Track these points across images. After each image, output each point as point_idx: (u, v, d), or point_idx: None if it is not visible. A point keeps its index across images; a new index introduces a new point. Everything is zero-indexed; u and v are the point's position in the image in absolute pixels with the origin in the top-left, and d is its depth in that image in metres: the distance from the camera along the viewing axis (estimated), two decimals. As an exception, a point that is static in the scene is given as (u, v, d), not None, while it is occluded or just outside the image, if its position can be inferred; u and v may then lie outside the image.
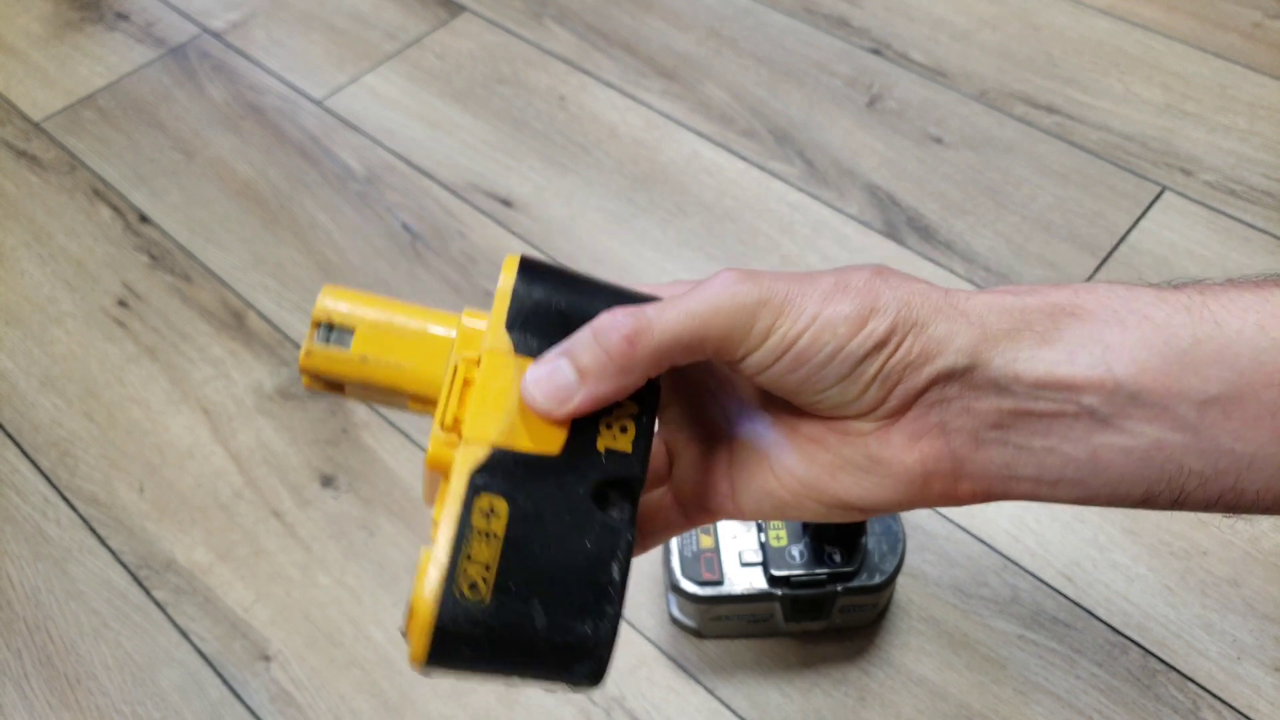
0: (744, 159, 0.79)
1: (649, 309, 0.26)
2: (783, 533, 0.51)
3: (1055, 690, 0.53)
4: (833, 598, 0.51)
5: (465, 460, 0.25)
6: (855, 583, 0.50)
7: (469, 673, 0.24)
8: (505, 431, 0.25)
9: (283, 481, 0.63)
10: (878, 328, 0.25)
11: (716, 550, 0.51)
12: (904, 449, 0.27)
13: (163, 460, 0.64)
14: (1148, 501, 0.26)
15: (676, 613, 0.54)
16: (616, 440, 0.26)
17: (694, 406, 0.31)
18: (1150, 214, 0.74)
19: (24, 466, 0.64)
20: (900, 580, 0.57)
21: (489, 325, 0.27)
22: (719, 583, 0.51)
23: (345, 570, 0.59)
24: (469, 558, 0.24)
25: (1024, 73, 0.84)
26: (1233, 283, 0.25)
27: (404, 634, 0.24)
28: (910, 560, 0.57)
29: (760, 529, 0.51)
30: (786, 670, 0.54)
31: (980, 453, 0.26)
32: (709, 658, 0.55)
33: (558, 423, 0.26)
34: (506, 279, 0.27)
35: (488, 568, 0.24)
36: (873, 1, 0.91)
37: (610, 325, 0.26)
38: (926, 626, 0.55)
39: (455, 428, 0.25)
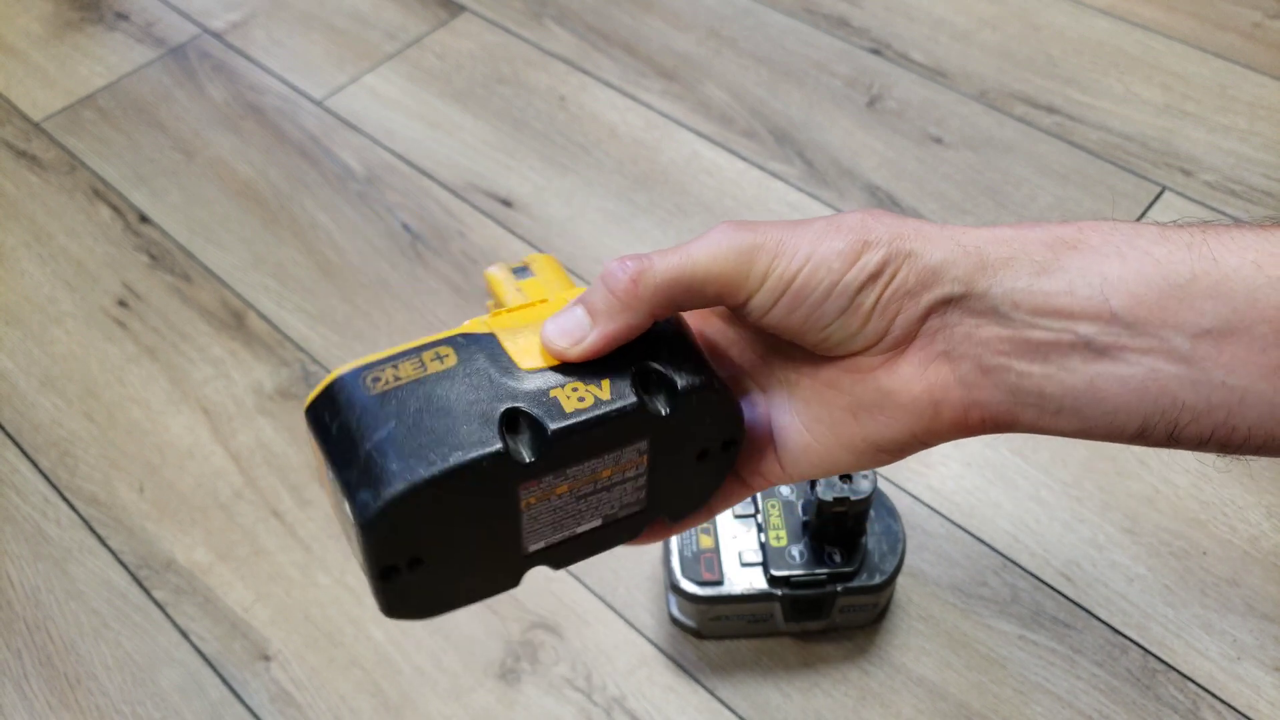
0: (744, 159, 0.79)
1: (653, 253, 0.27)
2: (783, 533, 0.51)
3: (1055, 690, 0.53)
4: (832, 598, 0.51)
5: (470, 324, 0.28)
6: (855, 583, 0.50)
7: (321, 440, 0.27)
8: (512, 331, 0.28)
9: (283, 481, 0.63)
10: (871, 259, 0.26)
11: (716, 550, 0.51)
12: (912, 379, 0.27)
13: (163, 460, 0.64)
14: (1143, 435, 0.26)
15: (676, 612, 0.54)
16: (568, 399, 0.27)
17: (734, 384, 0.32)
18: (1150, 214, 0.74)
19: (24, 466, 0.64)
20: (900, 580, 0.57)
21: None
22: (719, 583, 0.50)
23: (345, 570, 0.59)
24: (395, 365, 0.27)
25: (1024, 73, 0.84)
26: (1237, 224, 0.26)
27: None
28: (910, 560, 0.57)
29: (760, 530, 0.51)
30: (786, 670, 0.54)
31: (985, 379, 0.27)
32: (709, 658, 0.55)
33: (576, 362, 0.27)
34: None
35: (397, 379, 0.27)
36: (873, 2, 0.91)
37: (616, 268, 0.27)
38: (926, 626, 0.55)
39: (495, 317, 0.29)
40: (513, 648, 0.55)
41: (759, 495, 0.52)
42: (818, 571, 0.50)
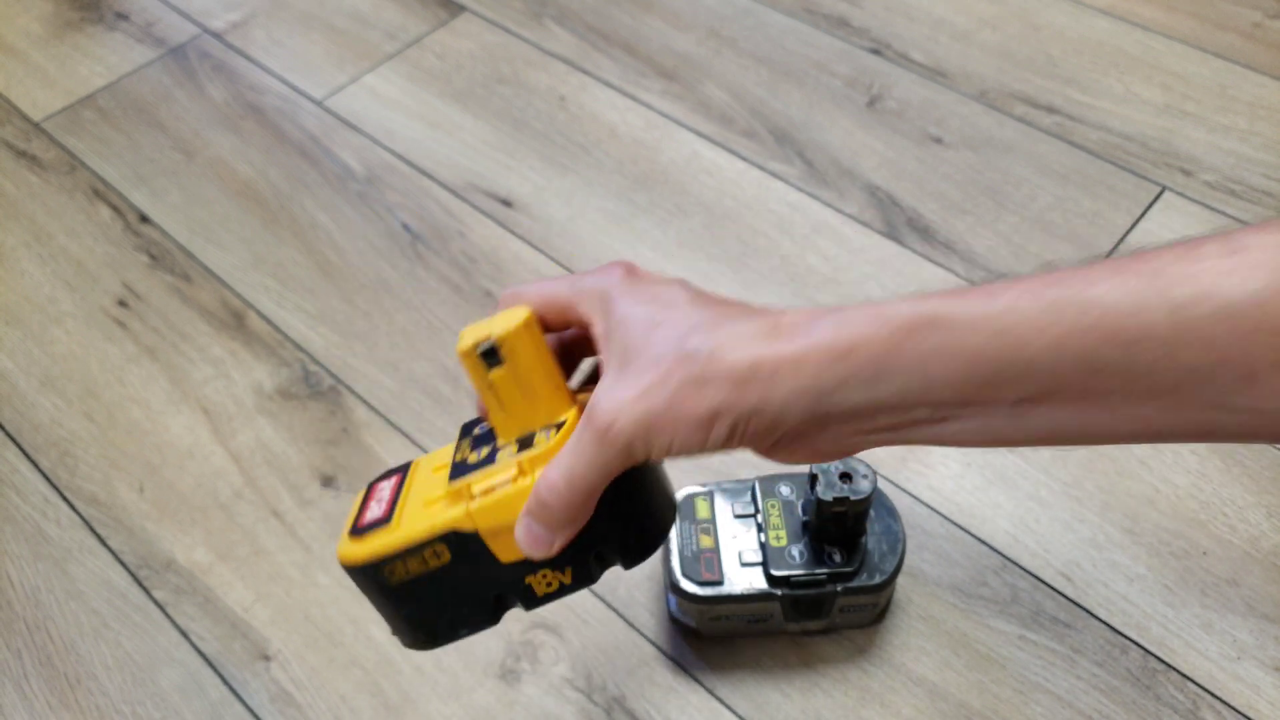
0: (744, 159, 0.79)
1: (556, 469, 0.32)
2: (783, 533, 0.51)
3: (1055, 690, 0.53)
4: (832, 598, 0.51)
5: (458, 521, 0.34)
6: (855, 583, 0.50)
7: (361, 586, 0.36)
8: (493, 530, 0.34)
9: (283, 481, 0.63)
10: (720, 432, 0.30)
11: (716, 550, 0.51)
12: (785, 457, 0.32)
13: (163, 460, 0.64)
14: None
15: (676, 612, 0.54)
16: (539, 585, 0.36)
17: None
18: (1150, 214, 0.74)
19: (24, 466, 0.64)
20: (900, 580, 0.57)
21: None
22: (719, 582, 0.50)
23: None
24: (404, 561, 0.35)
25: (1024, 73, 0.84)
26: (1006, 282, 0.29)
27: (341, 546, 0.36)
28: (910, 560, 0.57)
29: (760, 529, 0.51)
30: (786, 670, 0.54)
31: (844, 443, 0.32)
32: (709, 658, 0.55)
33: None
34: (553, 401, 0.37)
35: (408, 573, 0.35)
36: (873, 1, 0.91)
37: (543, 497, 0.32)
38: (926, 626, 0.55)
39: (472, 499, 0.34)
40: (513, 648, 0.55)
41: (759, 495, 0.52)
42: (818, 571, 0.50)
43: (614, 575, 0.58)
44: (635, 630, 0.56)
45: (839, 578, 0.50)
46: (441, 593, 0.35)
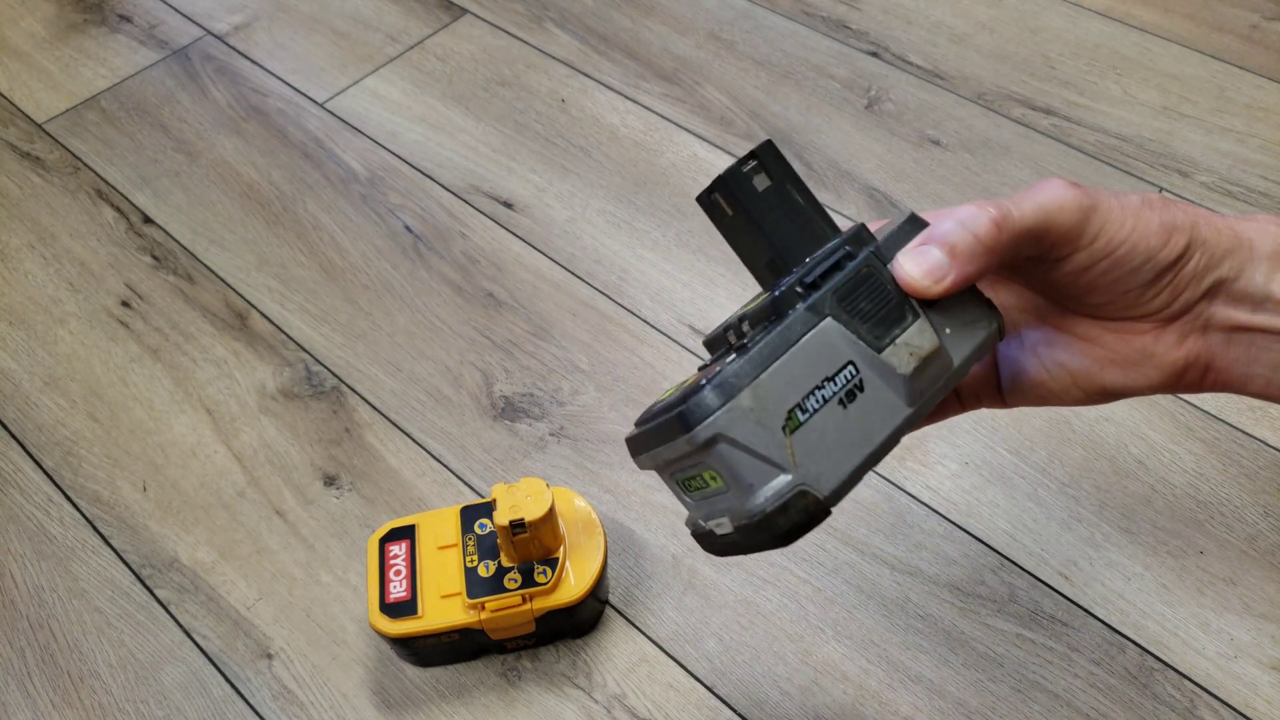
0: (744, 161, 0.80)
1: (1002, 201, 0.29)
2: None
3: (1053, 689, 0.53)
4: (884, 266, 0.30)
5: (473, 622, 0.52)
6: (890, 235, 0.31)
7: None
8: (492, 629, 0.54)
9: (286, 481, 0.63)
10: (1179, 242, 0.30)
11: (706, 370, 0.30)
12: (1174, 346, 0.31)
13: (166, 460, 0.64)
14: None
15: (701, 524, 0.30)
16: (511, 645, 0.56)
17: None
18: (1147, 215, 0.74)
19: (28, 466, 0.65)
20: (899, 579, 0.57)
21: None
22: (738, 358, 0.28)
23: (348, 569, 0.59)
24: (425, 639, 0.53)
25: (1021, 75, 0.84)
26: None
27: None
28: (908, 559, 0.58)
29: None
30: (786, 667, 0.54)
31: (1229, 351, 0.31)
32: (709, 655, 0.55)
33: (930, 298, 0.29)
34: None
35: (425, 643, 0.54)
36: (871, 4, 0.91)
37: (977, 213, 0.29)
38: (924, 625, 0.55)
39: (483, 608, 0.52)
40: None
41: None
42: (825, 251, 0.30)
43: (613, 574, 0.58)
44: (635, 627, 0.56)
45: (856, 241, 0.30)
46: (443, 651, 0.54)
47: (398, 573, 0.52)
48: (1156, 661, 0.54)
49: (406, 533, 0.54)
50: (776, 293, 0.28)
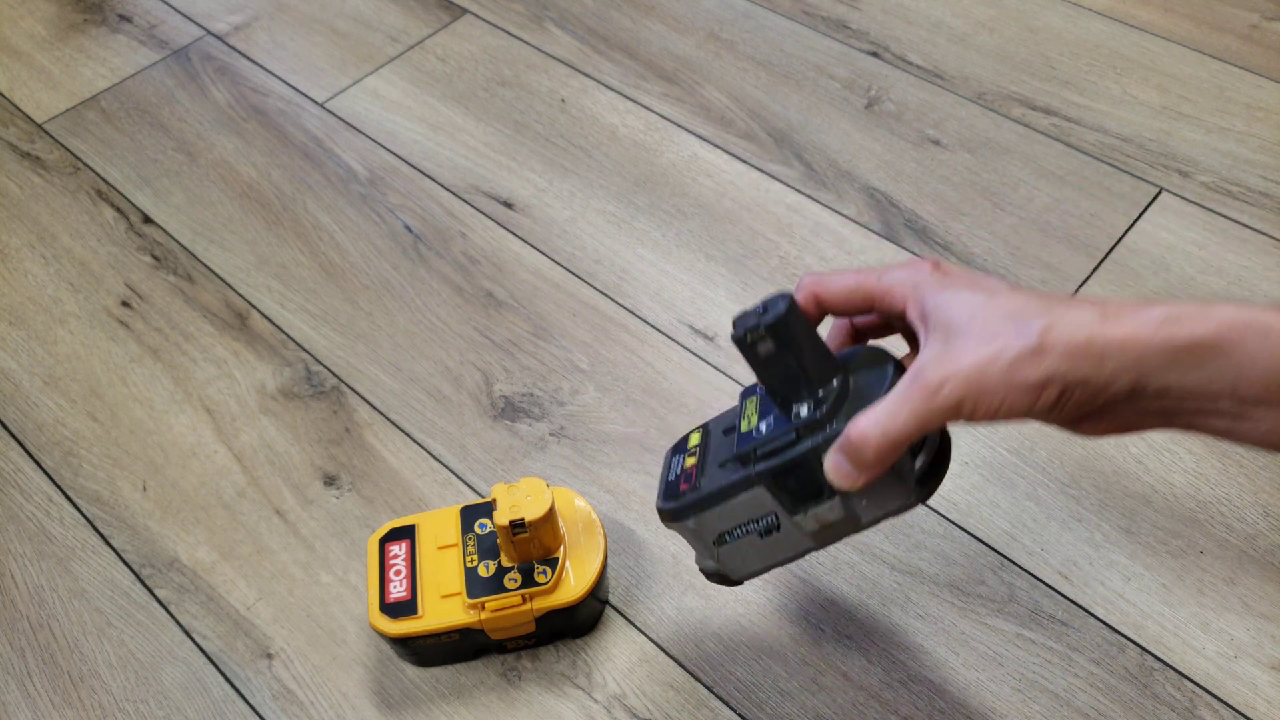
0: (743, 161, 0.80)
1: (876, 423, 0.35)
2: (754, 417, 0.41)
3: (1053, 689, 0.53)
4: (816, 459, 0.38)
5: (474, 622, 0.53)
6: (833, 429, 0.37)
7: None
8: (492, 629, 0.54)
9: (285, 480, 0.63)
10: (1050, 394, 0.32)
11: (700, 463, 0.43)
12: (1089, 429, 0.35)
13: (166, 459, 0.65)
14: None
15: (701, 564, 0.45)
16: (511, 644, 0.56)
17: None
18: (1147, 215, 0.74)
19: (28, 466, 0.65)
20: (898, 579, 0.57)
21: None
22: (695, 489, 0.41)
23: (348, 569, 0.59)
24: (425, 639, 0.53)
25: (1021, 75, 0.84)
26: None
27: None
28: (908, 558, 0.58)
29: (737, 429, 0.42)
30: (786, 668, 0.54)
31: (1146, 420, 0.34)
32: (710, 656, 0.55)
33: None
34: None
35: (425, 643, 0.54)
36: (871, 4, 0.91)
37: (859, 445, 0.35)
38: (924, 625, 0.55)
39: (483, 608, 0.53)
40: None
41: (743, 400, 0.43)
42: (783, 431, 0.38)
43: (614, 574, 0.58)
44: (635, 627, 0.56)
45: (810, 429, 0.38)
46: (443, 651, 0.54)
47: (398, 573, 0.52)
48: (1156, 661, 0.54)
49: (406, 533, 0.54)
50: (739, 450, 0.40)
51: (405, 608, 0.51)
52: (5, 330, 0.72)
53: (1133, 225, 0.74)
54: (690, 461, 0.43)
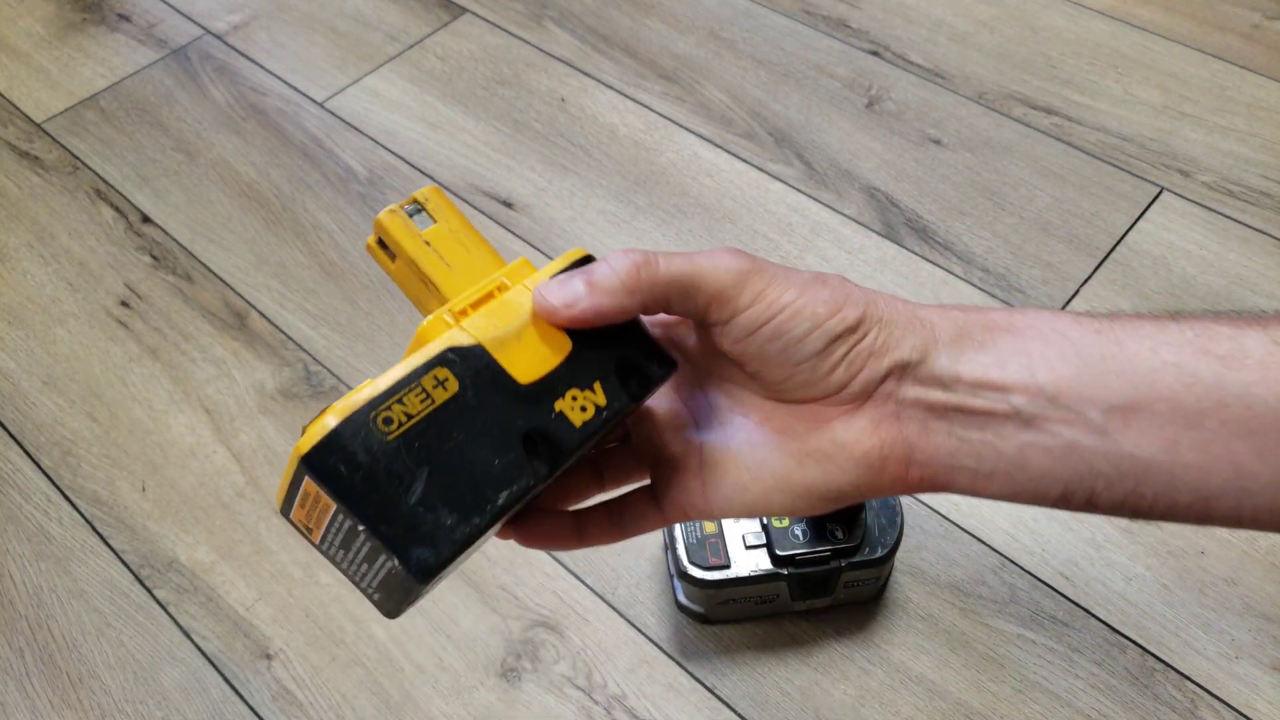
0: (743, 160, 0.80)
1: (659, 252, 0.30)
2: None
3: (1054, 689, 0.53)
4: (837, 574, 0.52)
5: (451, 338, 0.28)
6: (858, 557, 0.51)
7: (330, 496, 0.25)
8: (496, 341, 0.28)
9: (284, 481, 0.63)
10: (850, 315, 0.29)
11: (720, 535, 0.52)
12: (866, 433, 0.29)
13: (165, 460, 0.64)
14: (1065, 500, 0.29)
15: (684, 599, 0.55)
16: (572, 411, 0.28)
17: (670, 414, 0.32)
18: (1148, 215, 0.74)
19: (26, 466, 0.65)
20: (899, 579, 0.57)
21: (537, 273, 0.30)
22: (725, 566, 0.51)
23: (347, 569, 0.59)
24: (401, 401, 0.26)
25: (1022, 74, 0.84)
26: (1138, 315, 0.29)
27: (304, 430, 0.25)
28: (909, 559, 0.58)
29: None
30: (786, 668, 0.54)
31: (928, 440, 0.29)
32: (709, 656, 0.55)
33: (559, 325, 0.29)
34: (568, 259, 0.31)
35: (409, 417, 0.26)
36: (871, 3, 0.91)
37: (622, 254, 0.29)
38: (925, 625, 0.55)
39: (458, 318, 0.28)
40: (514, 646, 0.56)
41: None
42: (821, 549, 0.51)
43: (614, 574, 0.58)
44: (635, 629, 0.56)
45: (843, 553, 0.51)
46: (457, 436, 0.26)
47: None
48: (1157, 662, 0.54)
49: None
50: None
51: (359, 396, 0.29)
52: (4, 330, 0.72)
53: (1134, 225, 0.73)
54: None
